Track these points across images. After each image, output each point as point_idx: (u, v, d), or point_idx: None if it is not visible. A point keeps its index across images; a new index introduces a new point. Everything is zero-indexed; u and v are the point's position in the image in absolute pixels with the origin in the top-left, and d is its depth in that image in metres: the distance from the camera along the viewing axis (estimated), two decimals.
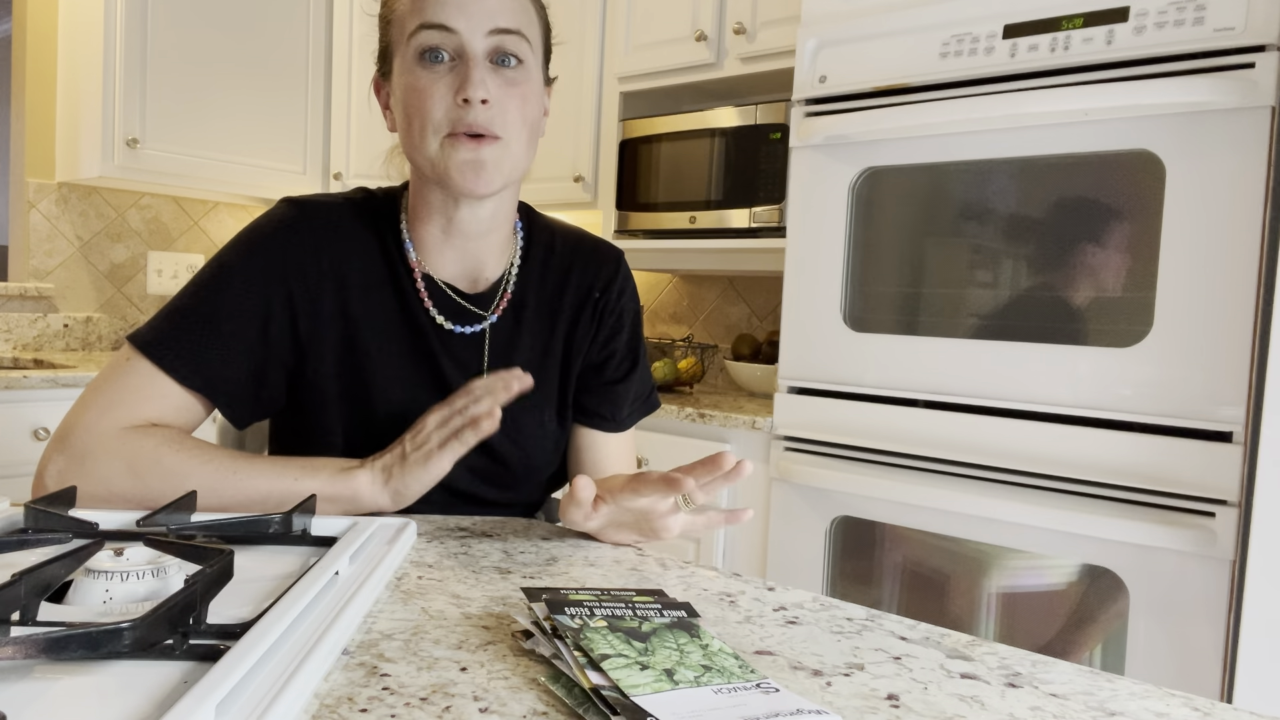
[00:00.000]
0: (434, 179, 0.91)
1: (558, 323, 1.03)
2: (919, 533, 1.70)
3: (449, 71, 0.87)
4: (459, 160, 0.87)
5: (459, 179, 0.88)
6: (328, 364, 0.93)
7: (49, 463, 0.83)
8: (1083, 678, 0.56)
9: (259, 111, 2.71)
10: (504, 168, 0.90)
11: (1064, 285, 1.54)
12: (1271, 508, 1.31)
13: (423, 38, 0.86)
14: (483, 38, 0.87)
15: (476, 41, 0.86)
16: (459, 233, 0.96)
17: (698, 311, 2.78)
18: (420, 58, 0.87)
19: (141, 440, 0.83)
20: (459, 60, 0.87)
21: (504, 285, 1.00)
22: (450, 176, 0.88)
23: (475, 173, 0.88)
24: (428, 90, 0.87)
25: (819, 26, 1.82)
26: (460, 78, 0.86)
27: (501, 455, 0.98)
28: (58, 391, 2.08)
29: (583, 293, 1.04)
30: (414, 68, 0.88)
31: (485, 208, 0.95)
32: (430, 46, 0.86)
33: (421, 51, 0.87)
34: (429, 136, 0.88)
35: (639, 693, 0.46)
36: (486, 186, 0.89)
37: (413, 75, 0.88)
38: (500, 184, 0.90)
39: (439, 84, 0.87)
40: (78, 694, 0.44)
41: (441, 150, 0.88)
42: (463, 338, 0.97)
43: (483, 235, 0.97)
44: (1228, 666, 1.37)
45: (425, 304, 0.96)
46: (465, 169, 0.87)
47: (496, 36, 0.87)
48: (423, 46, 0.87)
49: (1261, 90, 1.35)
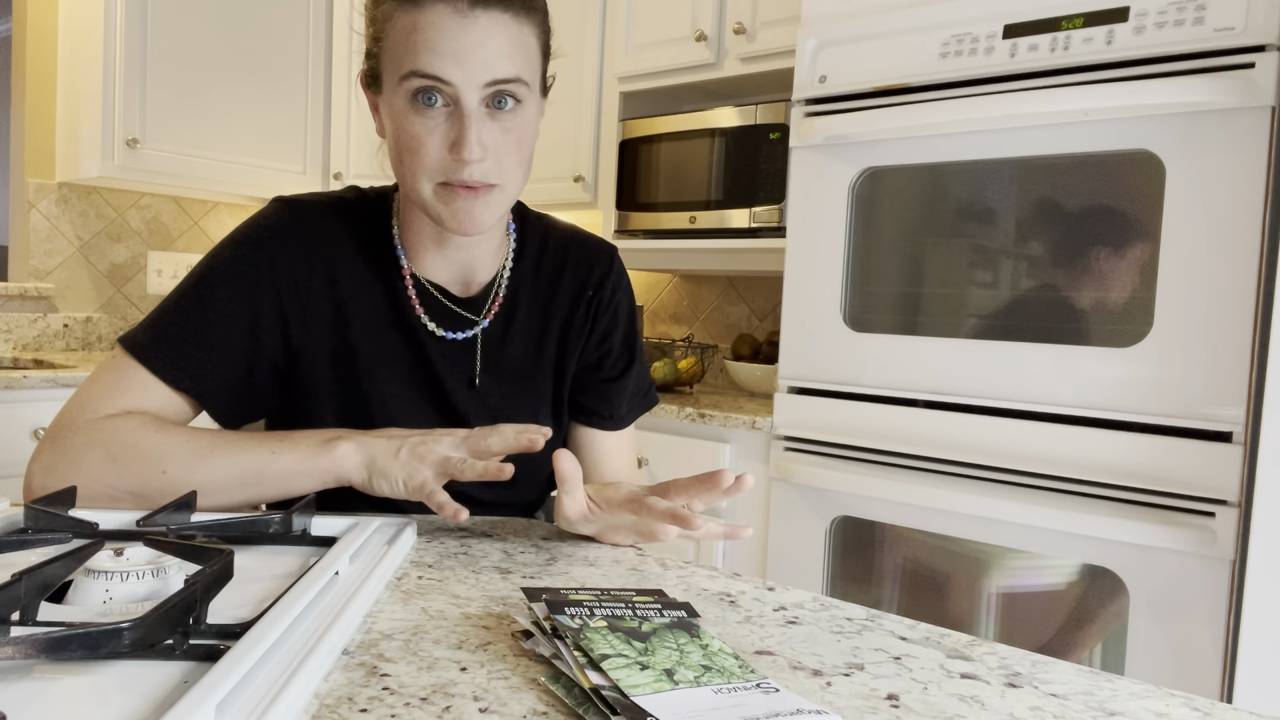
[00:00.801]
0: (428, 216, 0.89)
1: (551, 322, 1.02)
2: (919, 533, 1.70)
3: (444, 119, 0.83)
4: (453, 208, 0.85)
5: (453, 223, 0.86)
6: (320, 364, 0.93)
7: (36, 459, 0.83)
8: (1083, 678, 0.56)
9: (259, 111, 2.71)
10: (498, 210, 0.88)
11: (1064, 285, 1.54)
12: (1271, 508, 1.31)
13: (415, 84, 0.82)
14: (479, 89, 0.82)
15: (472, 94, 0.82)
16: (451, 245, 0.95)
17: (698, 311, 2.78)
18: (412, 99, 0.83)
19: (119, 425, 0.82)
20: (454, 107, 0.83)
21: (496, 288, 0.99)
22: (443, 221, 0.87)
23: (469, 218, 0.86)
24: (421, 138, 0.83)
25: (819, 26, 1.82)
26: (455, 131, 0.83)
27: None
28: (57, 391, 2.08)
29: (576, 291, 1.03)
30: (405, 109, 0.84)
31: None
32: (423, 90, 0.82)
33: (413, 94, 0.83)
34: (421, 180, 0.85)
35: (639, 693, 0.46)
36: (480, 229, 0.87)
37: (404, 117, 0.84)
38: (493, 223, 0.89)
39: (432, 134, 0.83)
40: (78, 694, 0.44)
41: (435, 196, 0.86)
42: (454, 343, 0.97)
43: (475, 245, 0.97)
44: (1228, 666, 1.37)
45: (417, 311, 0.95)
46: (459, 215, 0.86)
47: (493, 88, 0.83)
48: (414, 90, 0.82)
49: (1261, 90, 1.35)
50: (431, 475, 0.79)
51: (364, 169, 2.87)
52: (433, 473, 0.79)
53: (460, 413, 0.96)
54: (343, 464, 0.82)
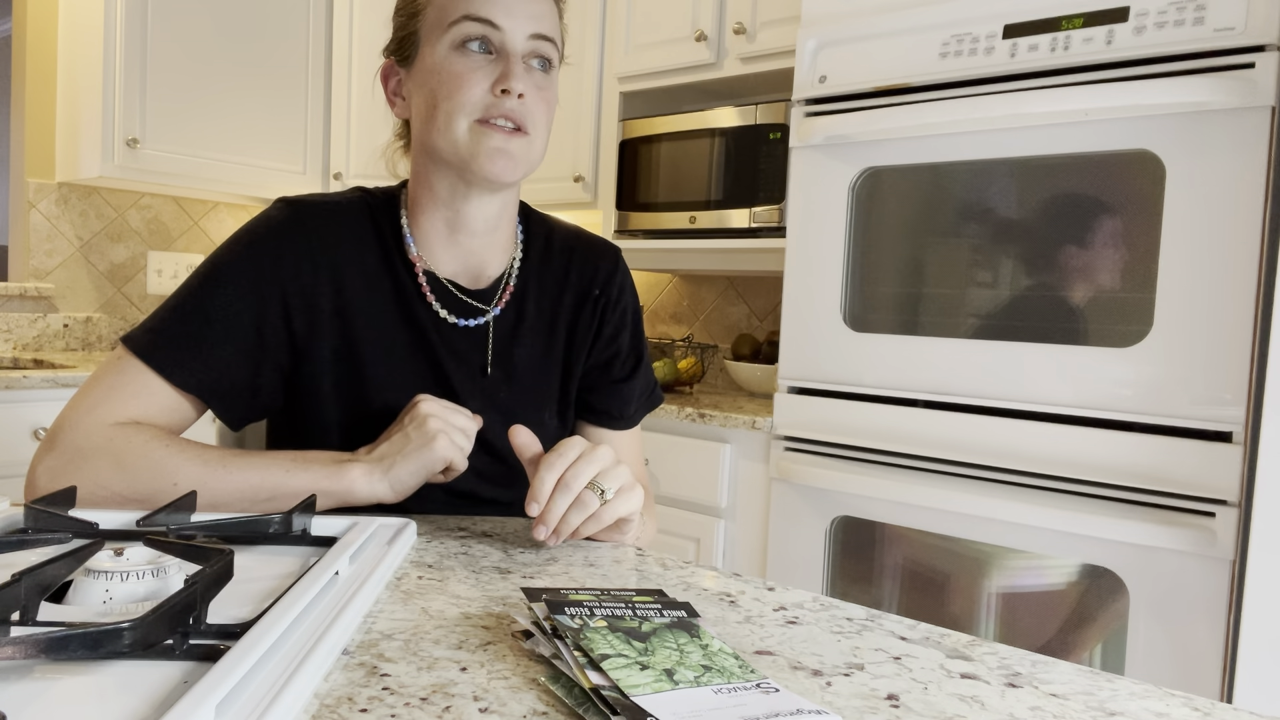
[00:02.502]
0: (454, 163, 0.91)
1: (558, 321, 1.03)
2: (919, 533, 1.70)
3: (487, 63, 0.89)
4: (488, 146, 0.89)
5: (486, 163, 0.89)
6: (325, 364, 0.93)
7: (39, 461, 0.83)
8: (1083, 678, 0.56)
9: (259, 111, 2.71)
10: (528, 160, 0.92)
11: (1064, 285, 1.54)
12: (1271, 508, 1.31)
13: (467, 27, 0.89)
14: (525, 39, 0.90)
15: (519, 41, 0.89)
16: (464, 228, 0.96)
17: (698, 311, 2.78)
18: (460, 46, 0.89)
19: (130, 436, 0.83)
20: (498, 55, 0.89)
21: (505, 281, 1.00)
22: (476, 160, 0.90)
23: (504, 160, 0.90)
24: (465, 76, 0.89)
25: (819, 26, 1.82)
26: (500, 69, 0.89)
27: (501, 454, 0.98)
28: (57, 391, 2.08)
29: (582, 291, 1.04)
30: (451, 54, 0.89)
31: (493, 204, 0.96)
32: (473, 37, 0.89)
33: (463, 40, 0.89)
34: (458, 119, 0.89)
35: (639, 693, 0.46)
36: (510, 175, 0.91)
37: (449, 60, 0.89)
38: (521, 175, 0.93)
39: (476, 72, 0.89)
40: (78, 694, 0.44)
41: (470, 134, 0.89)
42: (465, 331, 0.97)
43: (487, 233, 0.98)
44: (1228, 666, 1.37)
45: (427, 298, 0.96)
46: (494, 155, 0.89)
47: (536, 41, 0.90)
48: (465, 36, 0.89)
49: (1261, 90, 1.35)
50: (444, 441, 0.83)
51: (364, 169, 2.87)
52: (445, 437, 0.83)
53: (471, 402, 0.97)
54: (356, 488, 0.83)
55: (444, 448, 0.82)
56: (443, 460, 0.83)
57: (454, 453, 0.83)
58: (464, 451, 0.84)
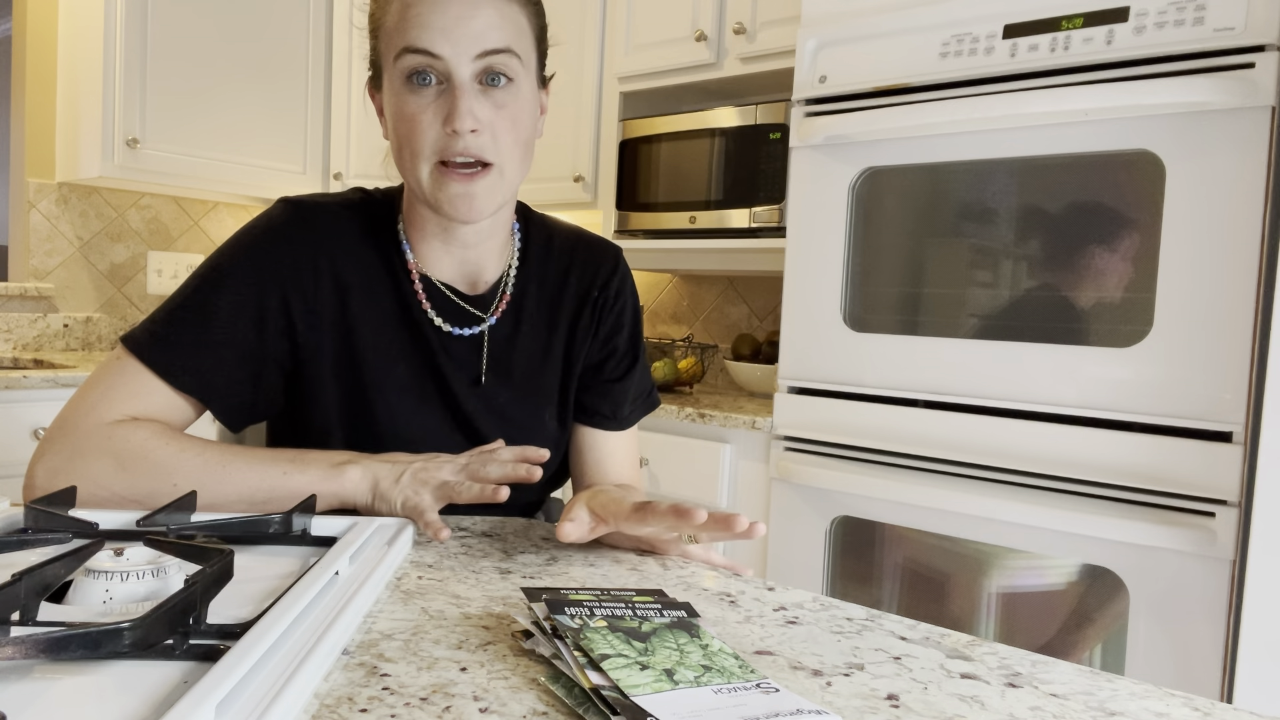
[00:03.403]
0: (427, 204, 0.90)
1: (557, 323, 1.02)
2: (919, 533, 1.70)
3: (437, 96, 0.85)
4: (450, 194, 0.86)
5: (450, 211, 0.88)
6: (325, 366, 0.93)
7: (39, 461, 0.83)
8: (1083, 678, 0.56)
9: (259, 111, 2.71)
10: (497, 194, 0.89)
11: (1064, 285, 1.54)
12: (1271, 508, 1.31)
13: (408, 61, 0.84)
14: (469, 62, 0.84)
15: (463, 67, 0.84)
16: (456, 240, 0.96)
17: (698, 311, 2.78)
18: (407, 80, 0.85)
19: (130, 434, 0.83)
20: (446, 84, 0.85)
21: (503, 286, 1.00)
22: (441, 206, 0.88)
23: (467, 204, 0.87)
24: (415, 118, 0.85)
25: (819, 26, 1.82)
26: (448, 105, 0.84)
27: None
28: (57, 391, 2.08)
29: (582, 292, 1.03)
30: (401, 91, 0.86)
31: (483, 223, 0.95)
32: (416, 69, 0.84)
33: (407, 75, 0.85)
34: (420, 164, 0.87)
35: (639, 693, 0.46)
36: (479, 215, 0.88)
37: (400, 99, 0.86)
38: (494, 209, 0.90)
39: (426, 111, 0.85)
40: (78, 694, 0.44)
41: (432, 180, 0.87)
42: (461, 339, 0.97)
43: (480, 243, 0.97)
44: (1228, 666, 1.37)
45: (424, 306, 0.95)
46: (457, 201, 0.87)
47: (486, 59, 0.85)
48: (409, 70, 0.85)
49: (1261, 90, 1.35)
50: (430, 497, 0.81)
51: (364, 169, 2.87)
52: (431, 496, 0.81)
53: (465, 411, 0.96)
54: (350, 488, 0.83)
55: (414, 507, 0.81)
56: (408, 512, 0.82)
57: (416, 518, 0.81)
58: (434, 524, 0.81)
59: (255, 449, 0.87)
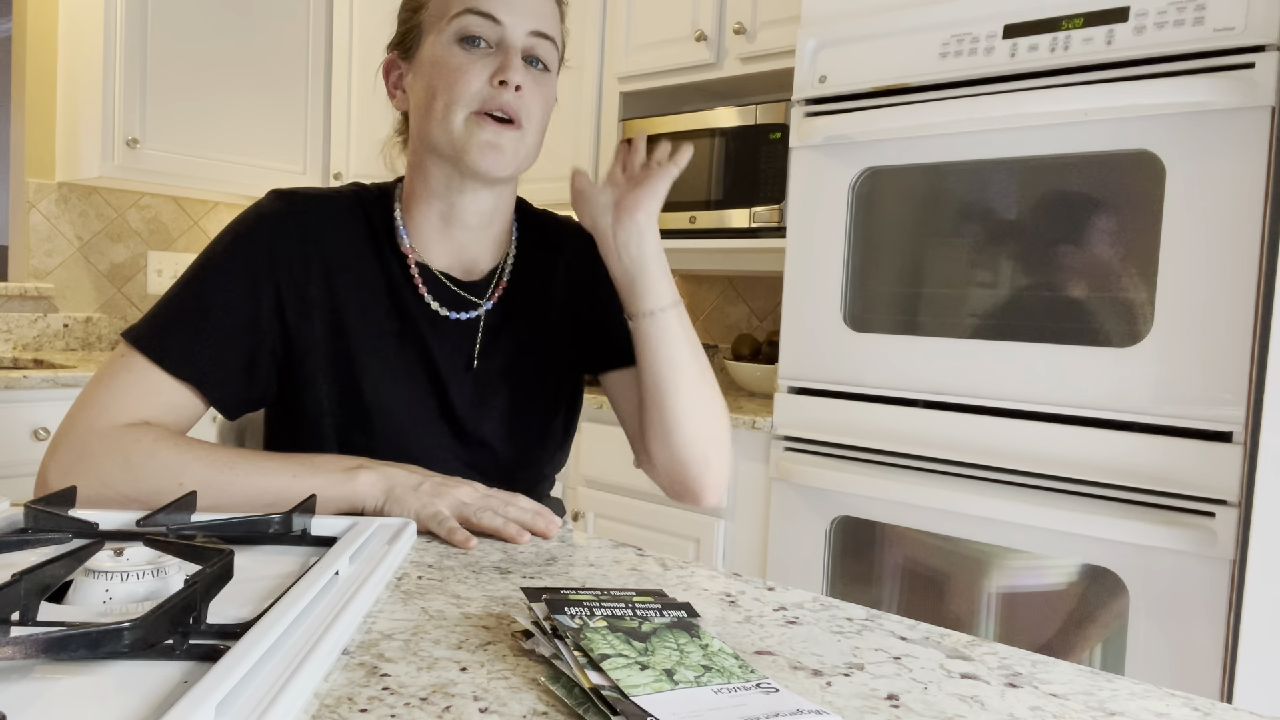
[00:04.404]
0: (449, 155, 0.92)
1: (551, 312, 1.04)
2: (919, 533, 1.70)
3: (486, 56, 0.91)
4: (481, 139, 0.90)
5: (478, 157, 0.91)
6: (317, 353, 0.94)
7: (50, 463, 0.84)
8: (1083, 678, 0.56)
9: (259, 111, 2.71)
10: (519, 155, 0.93)
11: (1064, 285, 1.54)
12: (1271, 508, 1.31)
13: (467, 21, 0.90)
14: (525, 35, 0.91)
15: (518, 36, 0.91)
16: (458, 221, 0.97)
17: (698, 311, 2.78)
18: (460, 40, 0.91)
19: (139, 436, 0.83)
20: (497, 49, 0.91)
21: (499, 275, 1.01)
22: (469, 154, 0.91)
23: (494, 154, 0.91)
24: (464, 68, 0.90)
25: (819, 26, 1.82)
26: (499, 62, 0.90)
27: (494, 447, 0.99)
28: (58, 391, 2.08)
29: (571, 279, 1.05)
30: (451, 46, 0.91)
31: (487, 199, 0.97)
32: (473, 33, 0.90)
33: (462, 35, 0.91)
34: (455, 111, 0.90)
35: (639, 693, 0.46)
36: (502, 169, 0.92)
37: (449, 52, 0.91)
38: (513, 170, 0.93)
39: (476, 64, 0.90)
40: (78, 694, 0.44)
41: (465, 126, 0.91)
42: (456, 324, 0.98)
43: (481, 227, 0.98)
44: (1228, 666, 1.37)
45: (420, 289, 0.96)
46: (486, 149, 0.90)
47: (534, 38, 0.92)
48: (465, 30, 0.90)
49: (1261, 90, 1.35)
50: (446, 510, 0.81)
51: (364, 169, 2.87)
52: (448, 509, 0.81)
53: (451, 398, 0.97)
54: (362, 493, 0.83)
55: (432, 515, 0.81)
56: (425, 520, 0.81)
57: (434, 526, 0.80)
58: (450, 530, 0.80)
59: (263, 452, 0.87)
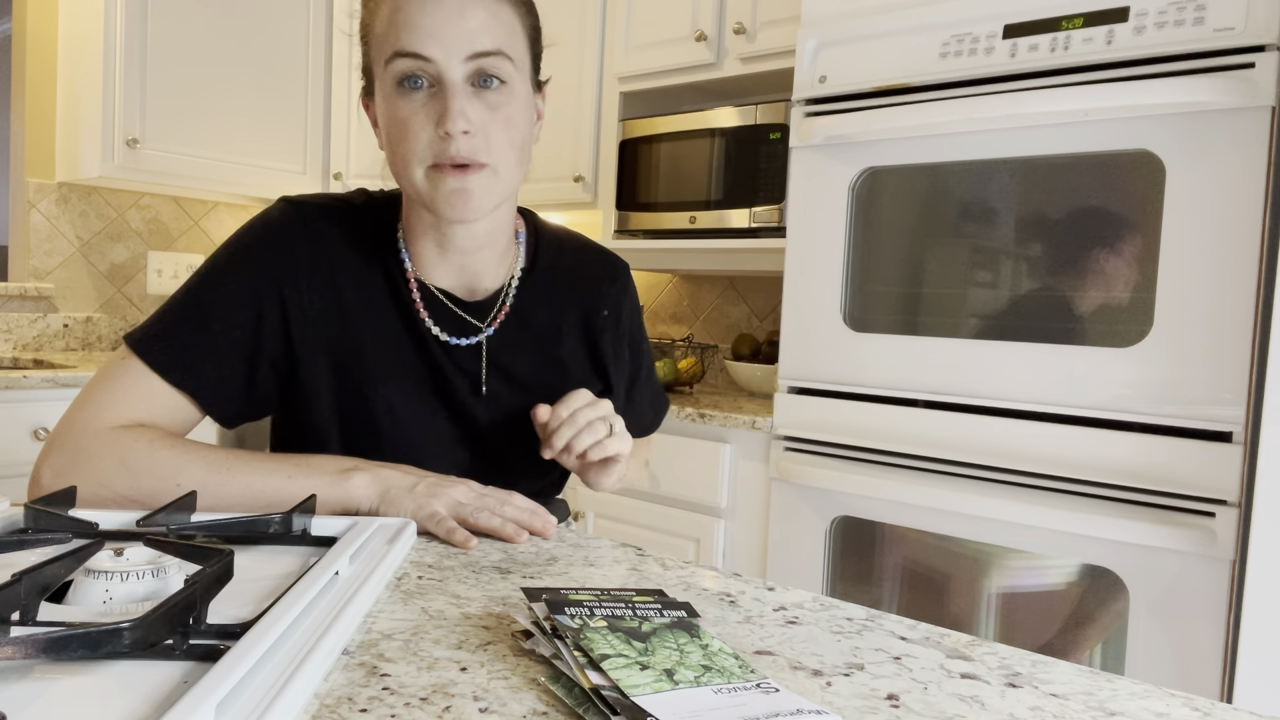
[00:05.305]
0: (425, 207, 0.90)
1: (563, 334, 1.02)
2: (919, 533, 1.70)
3: (429, 99, 0.85)
4: (445, 191, 0.86)
5: (446, 209, 0.87)
6: (321, 366, 0.92)
7: (45, 462, 0.83)
8: (1083, 678, 0.56)
9: (259, 111, 2.71)
10: (493, 194, 0.88)
11: (1064, 285, 1.54)
12: (1271, 508, 1.31)
13: (399, 65, 0.84)
14: (460, 64, 0.84)
15: (454, 69, 0.84)
16: (454, 249, 0.95)
17: (698, 311, 2.78)
18: (398, 85, 0.85)
19: (136, 437, 0.83)
20: (438, 87, 0.84)
21: (504, 297, 0.99)
22: (437, 205, 0.87)
23: (463, 202, 0.86)
24: (408, 121, 0.85)
25: (819, 26, 1.82)
26: (440, 108, 0.84)
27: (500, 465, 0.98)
28: (58, 391, 2.08)
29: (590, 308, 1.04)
30: (393, 96, 0.86)
31: (479, 226, 0.94)
32: (407, 74, 0.84)
33: (399, 79, 0.85)
34: (413, 167, 0.86)
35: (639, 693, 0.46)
36: (475, 214, 0.88)
37: (392, 104, 0.86)
38: (490, 209, 0.89)
39: (418, 114, 0.85)
40: (78, 694, 0.44)
41: (427, 180, 0.86)
42: (459, 348, 0.96)
43: (479, 250, 0.96)
44: (1228, 666, 1.37)
45: (421, 314, 0.95)
46: (452, 199, 0.86)
47: (477, 61, 0.84)
48: (400, 75, 0.84)
49: (1261, 90, 1.35)
50: (443, 510, 0.81)
51: (364, 169, 2.87)
52: (445, 509, 0.81)
53: (470, 416, 0.96)
54: (356, 495, 0.83)
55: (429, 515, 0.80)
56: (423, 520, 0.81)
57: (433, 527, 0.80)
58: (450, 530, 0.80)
59: (260, 453, 0.87)
